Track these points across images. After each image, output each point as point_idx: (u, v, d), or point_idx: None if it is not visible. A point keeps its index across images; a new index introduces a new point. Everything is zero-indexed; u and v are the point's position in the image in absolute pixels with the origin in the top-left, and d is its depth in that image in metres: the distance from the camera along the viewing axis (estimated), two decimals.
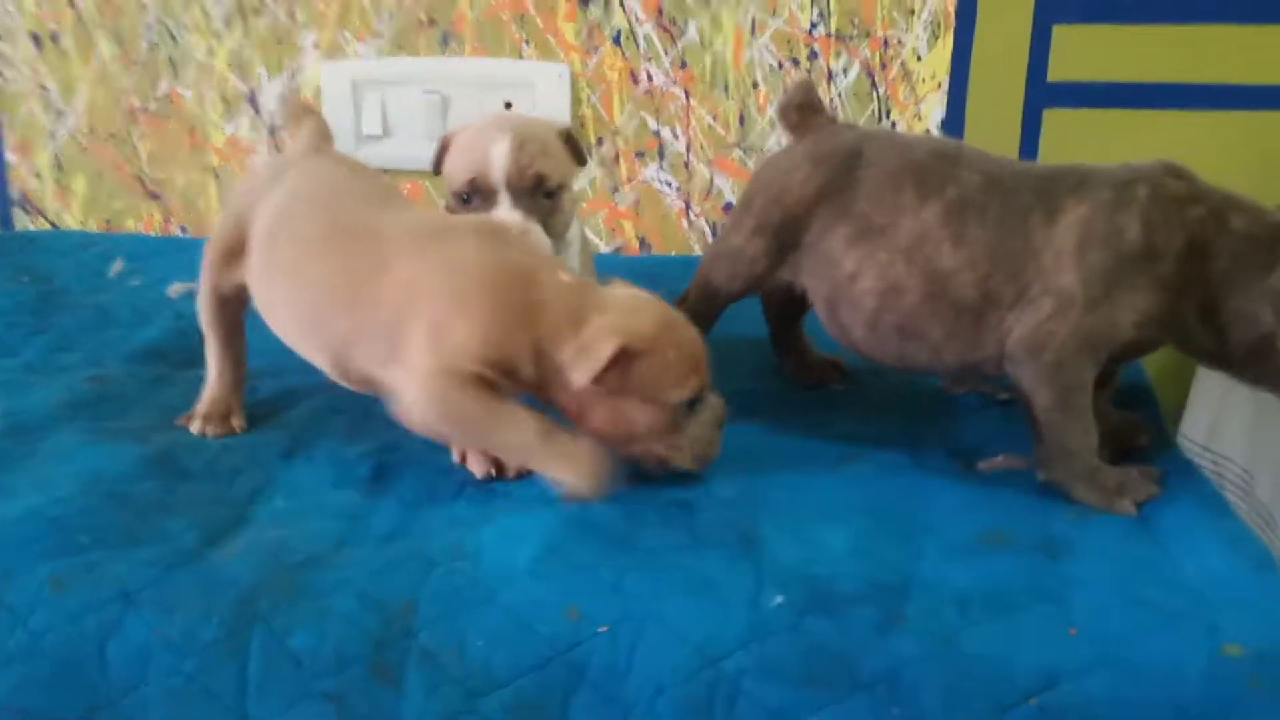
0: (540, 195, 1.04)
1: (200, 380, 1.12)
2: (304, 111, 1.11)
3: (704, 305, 1.09)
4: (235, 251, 1.01)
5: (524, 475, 0.93)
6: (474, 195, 1.04)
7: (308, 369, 1.15)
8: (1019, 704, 0.72)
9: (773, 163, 1.07)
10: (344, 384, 0.97)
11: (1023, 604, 0.77)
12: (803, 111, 1.06)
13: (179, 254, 1.45)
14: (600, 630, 0.76)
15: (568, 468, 0.87)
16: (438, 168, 1.09)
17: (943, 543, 0.84)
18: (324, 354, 0.95)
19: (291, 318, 0.97)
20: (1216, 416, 1.42)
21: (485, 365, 0.87)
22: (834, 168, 1.01)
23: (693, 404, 0.90)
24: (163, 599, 0.79)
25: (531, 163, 1.03)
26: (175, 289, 1.31)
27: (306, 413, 1.07)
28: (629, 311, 0.89)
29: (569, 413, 0.90)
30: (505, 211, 1.02)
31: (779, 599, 0.77)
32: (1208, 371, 1.43)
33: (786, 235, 1.03)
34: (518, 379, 0.89)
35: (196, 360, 1.18)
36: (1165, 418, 1.10)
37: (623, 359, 0.86)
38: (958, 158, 0.99)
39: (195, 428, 1.02)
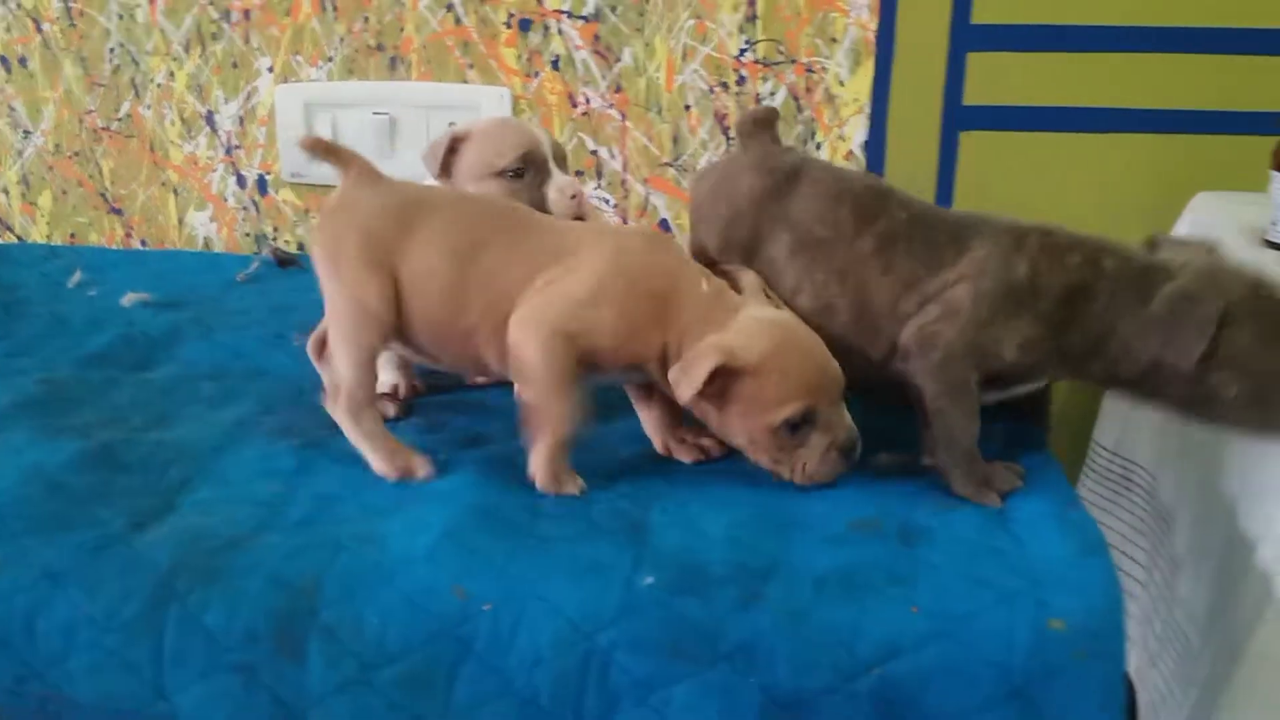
0: (564, 164, 1.16)
1: (147, 384, 1.20)
2: (331, 150, 1.06)
3: None
4: (392, 302, 1.01)
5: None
6: (528, 168, 1.13)
7: (248, 373, 1.23)
8: (862, 674, 0.79)
9: (716, 170, 1.14)
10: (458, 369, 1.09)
11: (874, 585, 0.83)
12: (759, 125, 1.14)
13: (136, 266, 1.52)
14: (485, 608, 0.83)
15: (536, 458, 0.97)
16: (446, 169, 1.14)
17: (814, 533, 0.91)
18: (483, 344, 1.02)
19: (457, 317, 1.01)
20: (1125, 424, 1.49)
21: (600, 347, 0.96)
22: (777, 176, 1.09)
23: (798, 426, 0.94)
24: (87, 580, 0.86)
25: (559, 144, 1.16)
26: (129, 299, 1.38)
27: (241, 412, 1.13)
28: (748, 330, 0.95)
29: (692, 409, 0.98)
30: (563, 177, 1.14)
31: (649, 579, 0.84)
32: None
33: (738, 232, 1.10)
34: (641, 370, 0.99)
35: (145, 364, 1.26)
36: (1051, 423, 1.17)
37: (722, 376, 0.92)
38: (890, 195, 1.08)
39: (422, 475, 1.01)
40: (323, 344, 1.12)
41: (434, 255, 1.00)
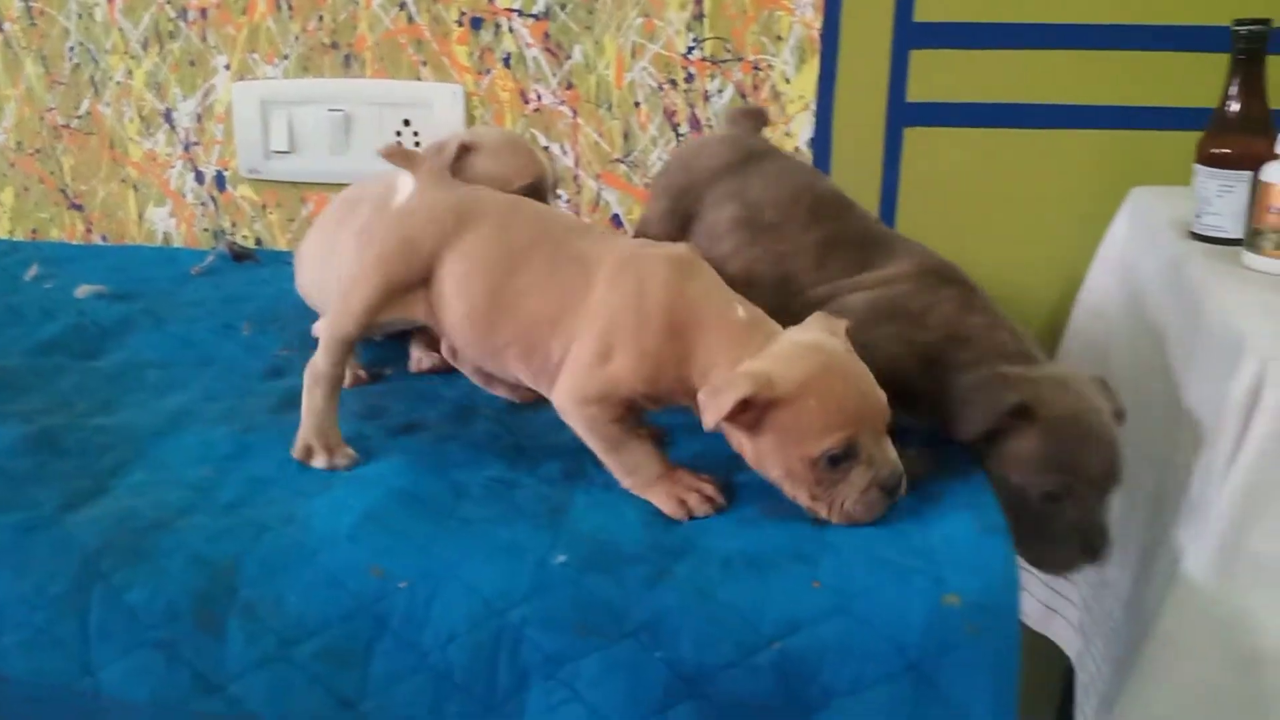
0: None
1: (94, 371, 1.22)
2: (405, 155, 1.08)
3: None
4: (407, 288, 1.02)
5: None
6: (533, 193, 1.16)
7: (196, 361, 1.25)
8: (764, 648, 0.82)
9: (689, 141, 1.21)
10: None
11: (779, 564, 0.86)
12: (747, 115, 1.22)
13: (94, 260, 1.55)
14: (401, 585, 0.86)
15: (653, 499, 0.95)
16: (454, 173, 1.14)
17: (731, 516, 0.94)
18: (515, 364, 1.01)
19: (488, 334, 1.01)
20: None
21: (634, 394, 0.94)
22: (741, 154, 1.15)
23: (839, 459, 0.88)
24: (17, 559, 0.88)
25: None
26: (83, 290, 1.41)
27: (185, 399, 1.16)
28: (784, 358, 0.90)
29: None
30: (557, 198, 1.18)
31: (562, 558, 0.87)
32: None
33: (686, 202, 1.15)
34: (674, 402, 0.96)
35: (94, 353, 1.28)
36: None
37: (757, 405, 0.87)
38: (853, 207, 1.14)
39: (321, 463, 1.02)
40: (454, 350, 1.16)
41: (471, 266, 0.99)
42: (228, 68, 1.60)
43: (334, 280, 1.24)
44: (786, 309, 1.04)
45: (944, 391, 1.00)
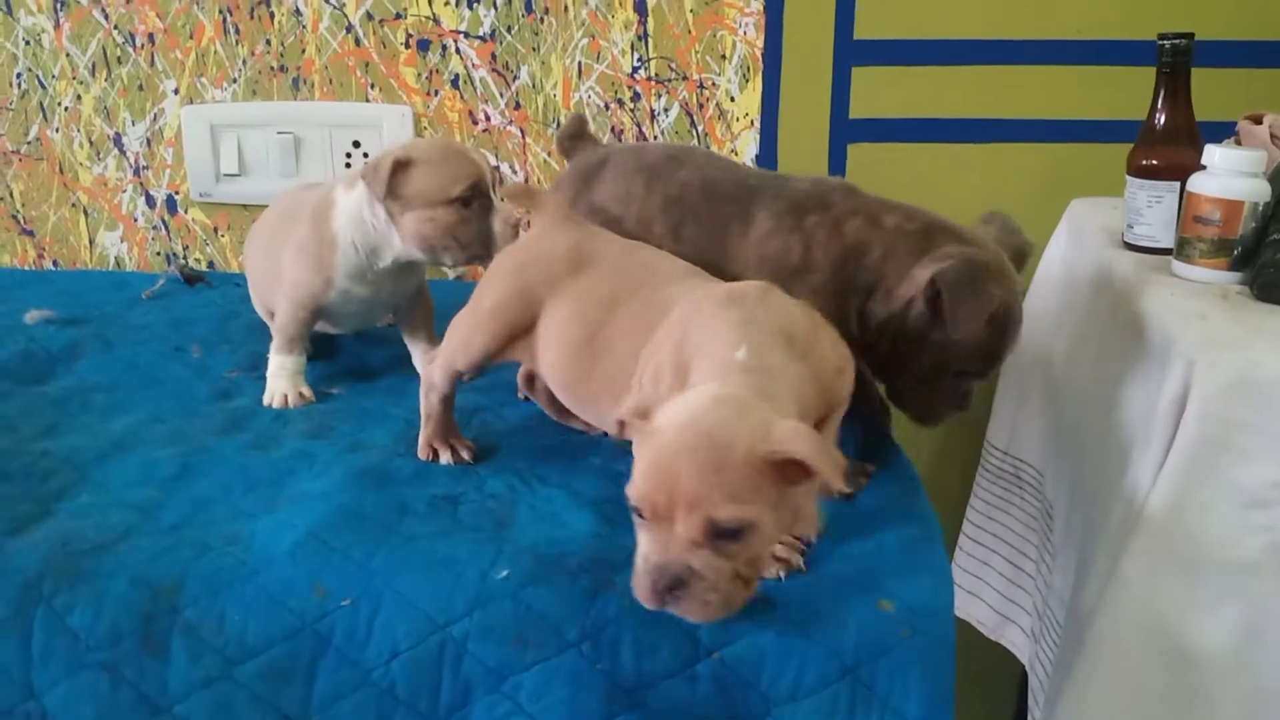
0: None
1: (41, 396, 1.22)
2: (530, 194, 1.12)
3: None
4: (524, 329, 1.03)
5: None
6: (475, 198, 1.16)
7: (143, 384, 1.25)
8: (703, 658, 0.83)
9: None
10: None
11: None
12: (574, 139, 1.23)
13: (44, 285, 1.55)
14: (344, 603, 0.86)
15: None
16: (392, 190, 1.15)
17: None
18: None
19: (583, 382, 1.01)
20: (1014, 424, 1.54)
21: None
22: (581, 176, 1.19)
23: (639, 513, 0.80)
24: None
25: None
26: (32, 316, 1.40)
27: (131, 422, 1.16)
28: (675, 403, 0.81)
29: None
30: (507, 207, 1.16)
31: (504, 572, 0.88)
32: (1007, 382, 1.55)
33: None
34: None
35: (41, 377, 1.27)
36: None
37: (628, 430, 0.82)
38: (682, 161, 1.14)
39: (447, 458, 1.07)
40: (531, 378, 1.18)
41: (573, 310, 1.00)
42: (176, 92, 1.60)
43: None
44: None
45: (878, 291, 1.03)
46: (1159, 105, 1.24)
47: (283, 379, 1.23)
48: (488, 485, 1.03)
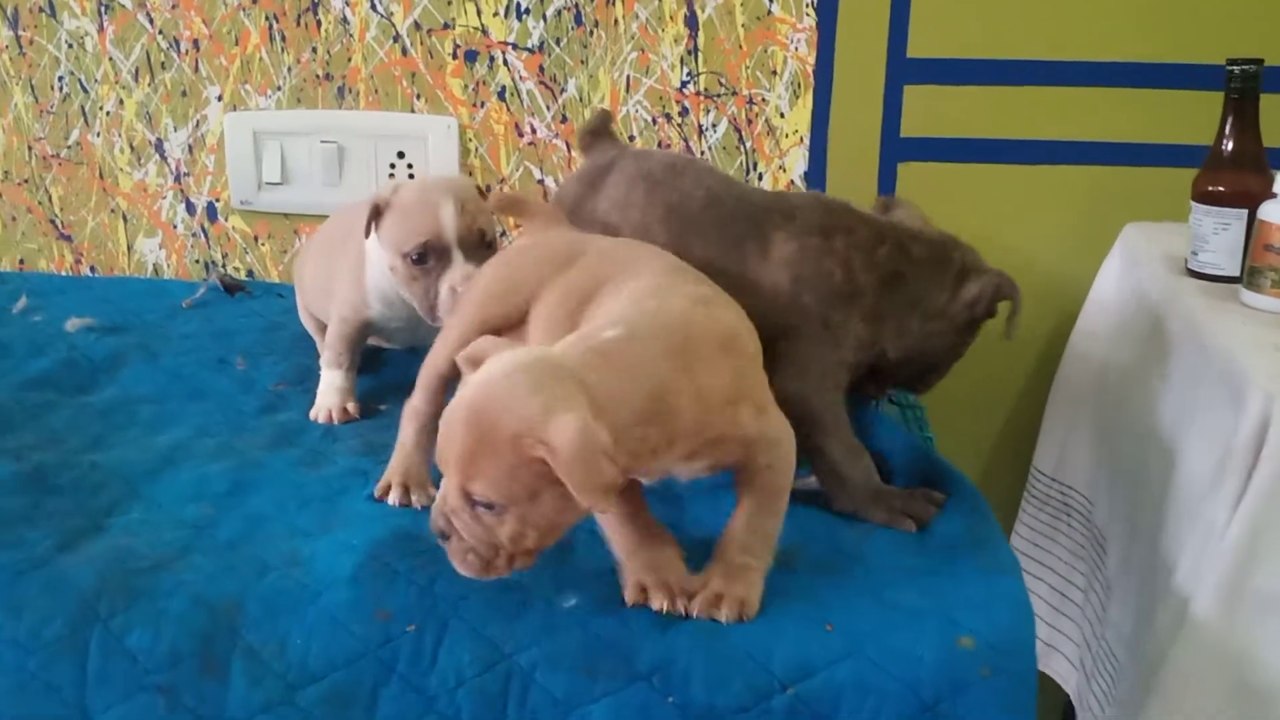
0: (482, 248, 1.14)
1: (86, 407, 1.20)
2: (518, 203, 1.13)
3: None
4: (505, 328, 1.00)
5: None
6: (429, 255, 1.13)
7: (189, 395, 1.24)
8: (777, 692, 0.81)
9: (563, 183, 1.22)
10: None
11: (788, 606, 0.85)
12: (594, 136, 1.22)
13: (83, 292, 1.53)
14: (409, 629, 0.84)
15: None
16: (370, 231, 1.16)
17: None
18: None
19: None
20: (1063, 449, 1.52)
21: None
22: (586, 181, 1.16)
23: None
24: (11, 601, 0.86)
25: (474, 220, 1.13)
26: (73, 324, 1.39)
27: (179, 435, 1.14)
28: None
29: None
30: (460, 266, 1.12)
31: (572, 600, 0.86)
32: (1055, 408, 1.53)
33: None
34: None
35: (85, 388, 1.26)
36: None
37: None
38: (684, 171, 1.13)
39: (395, 499, 1.01)
40: None
41: (558, 299, 0.97)
42: (220, 99, 1.59)
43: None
44: None
45: (913, 321, 1.07)
46: (1226, 131, 1.22)
47: (332, 394, 1.22)
48: None
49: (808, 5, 1.49)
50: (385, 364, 1.34)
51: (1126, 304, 1.38)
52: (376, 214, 1.15)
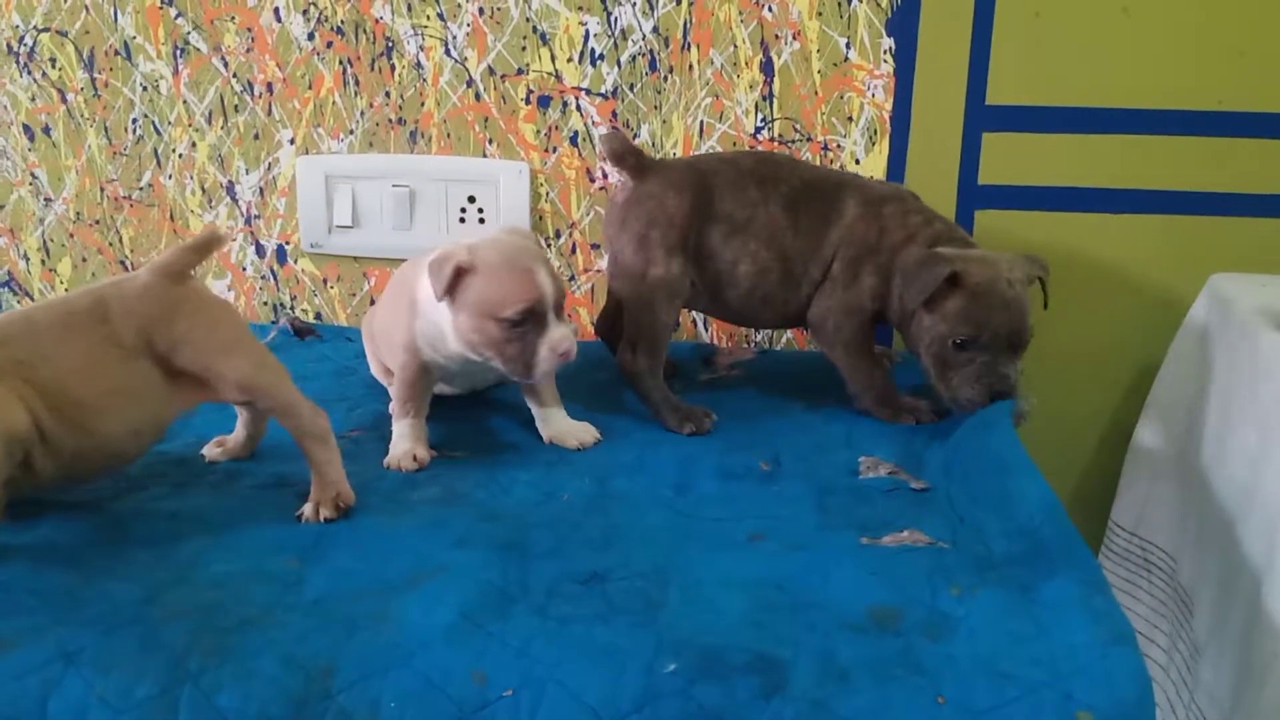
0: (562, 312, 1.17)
1: (162, 454, 1.20)
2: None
3: (656, 349, 1.29)
4: None
5: None
6: (528, 320, 1.13)
7: (264, 444, 1.23)
8: None
9: (636, 202, 1.30)
10: None
11: (898, 675, 0.82)
12: (635, 154, 1.30)
13: None
14: (506, 694, 0.82)
15: None
16: (450, 292, 1.14)
17: (833, 616, 0.90)
18: None
19: None
20: (1144, 504, 1.48)
21: None
22: (692, 184, 1.29)
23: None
24: (101, 659, 0.85)
25: (561, 284, 1.17)
26: None
27: (256, 483, 1.13)
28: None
29: None
30: (557, 327, 1.15)
31: (672, 666, 0.83)
32: (1136, 462, 1.49)
33: (686, 246, 1.29)
34: None
35: (170, 431, 1.25)
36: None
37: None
38: (777, 162, 1.33)
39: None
40: None
41: None
42: (292, 142, 1.59)
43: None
44: (792, 276, 1.30)
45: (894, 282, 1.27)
46: None
47: (405, 442, 1.21)
48: (633, 561, 0.98)
49: (885, 51, 1.48)
50: (458, 411, 1.32)
51: (1214, 357, 1.35)
52: (460, 274, 1.14)
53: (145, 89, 1.60)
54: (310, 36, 1.55)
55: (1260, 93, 1.44)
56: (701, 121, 1.53)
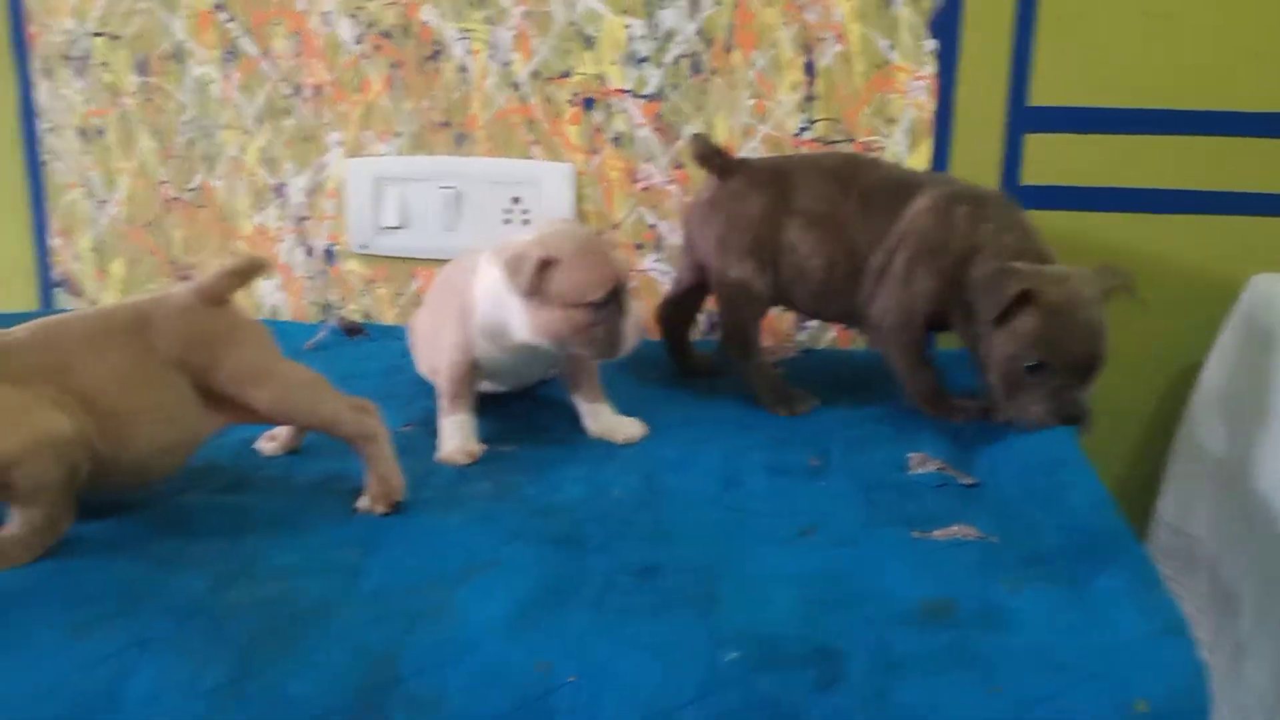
0: None
1: (221, 448, 1.22)
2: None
3: (747, 337, 1.36)
4: None
5: None
6: (611, 301, 1.18)
7: (319, 439, 1.25)
8: None
9: (718, 202, 1.35)
10: None
11: (953, 666, 0.83)
12: (722, 155, 1.34)
13: None
14: (570, 679, 0.84)
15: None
16: (534, 288, 1.16)
17: (886, 608, 0.91)
18: None
19: None
20: (1188, 499, 1.49)
21: None
22: (772, 184, 1.33)
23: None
24: (173, 647, 0.87)
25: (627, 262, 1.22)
26: None
27: (313, 478, 1.15)
28: None
29: None
30: (633, 305, 1.20)
31: (733, 655, 0.85)
32: (1180, 457, 1.50)
33: (761, 247, 1.33)
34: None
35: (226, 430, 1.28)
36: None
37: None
38: (859, 163, 1.36)
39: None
40: None
41: None
42: (341, 144, 1.62)
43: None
44: (857, 268, 1.30)
45: (968, 293, 1.24)
46: None
47: (455, 437, 1.23)
48: (685, 554, 1.00)
49: (928, 53, 1.49)
50: (506, 407, 1.34)
51: (1258, 357, 1.35)
52: (544, 268, 1.16)
53: (196, 92, 1.63)
54: (358, 40, 1.57)
55: None
56: (744, 123, 1.54)
